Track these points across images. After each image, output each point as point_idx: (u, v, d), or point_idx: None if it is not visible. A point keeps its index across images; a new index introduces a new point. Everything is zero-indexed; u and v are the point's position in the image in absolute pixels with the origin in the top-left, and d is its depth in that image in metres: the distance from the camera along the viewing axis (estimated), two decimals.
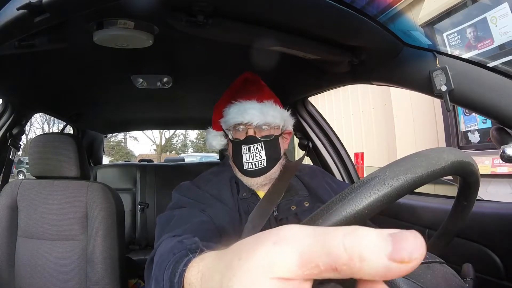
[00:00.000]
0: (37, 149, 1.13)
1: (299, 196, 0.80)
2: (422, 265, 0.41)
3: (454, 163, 0.39)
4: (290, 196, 0.80)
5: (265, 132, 0.79)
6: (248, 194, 0.79)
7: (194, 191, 0.77)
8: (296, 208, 0.77)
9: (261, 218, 0.73)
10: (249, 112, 0.77)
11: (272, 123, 0.79)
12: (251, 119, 0.77)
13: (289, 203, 0.78)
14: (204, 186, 0.78)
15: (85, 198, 1.10)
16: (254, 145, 0.77)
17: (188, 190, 0.78)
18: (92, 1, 0.53)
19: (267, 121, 0.78)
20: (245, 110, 0.77)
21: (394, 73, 0.81)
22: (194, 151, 19.03)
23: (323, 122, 1.40)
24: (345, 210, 0.34)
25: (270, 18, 0.69)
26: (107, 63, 1.06)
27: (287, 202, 0.79)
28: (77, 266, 1.06)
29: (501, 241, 0.72)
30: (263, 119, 0.78)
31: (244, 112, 0.77)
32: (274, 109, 0.80)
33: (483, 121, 3.03)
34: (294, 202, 0.79)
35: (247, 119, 0.77)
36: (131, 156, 18.61)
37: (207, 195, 0.75)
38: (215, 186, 0.78)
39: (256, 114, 0.77)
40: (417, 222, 0.97)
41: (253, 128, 0.78)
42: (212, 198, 0.75)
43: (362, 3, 0.62)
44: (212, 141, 0.85)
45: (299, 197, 0.80)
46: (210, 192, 0.76)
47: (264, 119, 0.78)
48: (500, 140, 0.65)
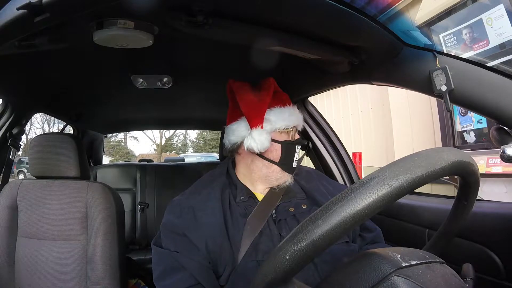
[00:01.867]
0: (37, 149, 1.13)
1: (297, 198, 0.82)
2: (422, 265, 0.41)
3: (454, 163, 0.39)
4: (288, 198, 0.81)
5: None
6: (245, 197, 0.80)
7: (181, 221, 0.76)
8: (294, 210, 0.79)
9: (260, 220, 0.74)
10: (296, 116, 0.85)
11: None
12: (298, 122, 0.85)
13: (287, 205, 0.80)
14: (193, 203, 0.79)
15: (85, 198, 1.10)
16: (299, 146, 0.85)
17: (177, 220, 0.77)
18: (92, 1, 0.53)
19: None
20: (291, 114, 0.84)
21: (394, 73, 0.81)
22: (194, 151, 19.05)
23: (323, 122, 1.40)
24: (345, 211, 0.34)
25: (270, 18, 0.69)
26: (107, 63, 1.06)
27: (286, 204, 0.80)
28: (77, 266, 1.06)
29: (501, 241, 0.72)
30: (301, 123, 0.87)
31: (293, 116, 0.84)
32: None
33: (478, 121, 3.04)
34: (293, 204, 0.80)
35: (295, 122, 0.84)
36: (131, 156, 18.63)
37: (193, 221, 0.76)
38: (203, 200, 0.79)
39: (299, 118, 0.86)
40: (417, 222, 0.97)
41: (296, 131, 0.85)
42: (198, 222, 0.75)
43: (362, 3, 0.62)
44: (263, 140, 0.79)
45: (296, 199, 0.81)
46: (197, 213, 0.76)
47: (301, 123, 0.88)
48: (500, 140, 0.65)
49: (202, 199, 0.79)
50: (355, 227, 0.35)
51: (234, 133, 0.83)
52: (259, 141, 0.79)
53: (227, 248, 0.72)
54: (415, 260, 0.41)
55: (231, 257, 0.72)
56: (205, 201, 0.79)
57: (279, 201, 0.79)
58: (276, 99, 0.83)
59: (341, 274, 0.44)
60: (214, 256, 0.72)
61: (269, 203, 0.78)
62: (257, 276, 0.39)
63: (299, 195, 0.83)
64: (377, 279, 0.39)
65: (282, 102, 0.84)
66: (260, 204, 0.78)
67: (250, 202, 0.80)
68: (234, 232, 0.74)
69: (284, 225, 0.76)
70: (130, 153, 19.28)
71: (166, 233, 0.76)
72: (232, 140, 0.84)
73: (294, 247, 0.35)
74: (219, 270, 0.72)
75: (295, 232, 0.36)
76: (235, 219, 0.76)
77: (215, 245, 0.72)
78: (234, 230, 0.74)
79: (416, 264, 0.41)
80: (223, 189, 0.82)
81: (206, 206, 0.78)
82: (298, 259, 0.35)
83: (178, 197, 0.84)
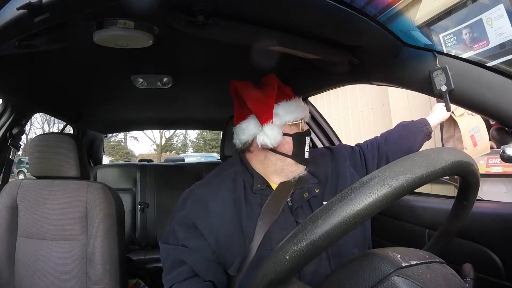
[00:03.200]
0: (37, 149, 1.13)
1: (309, 183, 0.83)
2: (422, 265, 0.41)
3: (454, 163, 0.39)
4: (301, 185, 0.82)
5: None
6: (262, 186, 0.81)
7: (191, 212, 0.78)
8: (308, 195, 0.80)
9: (275, 209, 0.76)
10: (303, 108, 0.86)
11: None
12: (305, 114, 0.86)
13: (301, 191, 0.81)
14: (204, 193, 0.81)
15: (85, 198, 1.10)
16: (309, 136, 0.87)
17: (187, 210, 0.79)
18: (92, 1, 0.53)
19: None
20: (298, 106, 0.85)
21: (394, 73, 0.81)
22: (194, 151, 19.05)
23: (323, 122, 1.40)
24: (345, 211, 0.34)
25: (270, 18, 0.69)
26: (107, 63, 1.06)
27: (300, 190, 0.81)
28: (77, 266, 1.06)
29: (501, 241, 0.72)
30: (308, 114, 0.88)
31: (299, 107, 0.85)
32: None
33: None
34: (305, 189, 0.81)
35: (304, 113, 0.86)
36: (131, 156, 18.62)
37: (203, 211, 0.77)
38: (214, 190, 0.80)
39: (305, 109, 0.87)
40: (417, 222, 0.97)
41: (304, 122, 0.86)
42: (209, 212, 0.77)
43: (362, 3, 0.62)
44: (276, 135, 0.80)
45: (309, 184, 0.82)
46: (208, 203, 0.78)
47: (308, 114, 0.89)
48: (500, 140, 0.65)
49: (213, 188, 0.81)
50: (355, 227, 0.34)
51: (244, 132, 0.84)
52: (272, 136, 0.80)
53: (239, 238, 0.73)
54: (415, 260, 0.41)
55: (243, 247, 0.72)
56: (217, 191, 0.80)
57: (293, 189, 0.80)
58: (281, 93, 0.84)
59: (341, 274, 0.44)
60: (223, 246, 0.73)
61: (283, 192, 0.79)
62: (257, 276, 0.39)
63: (311, 180, 0.84)
64: (377, 279, 0.39)
65: (287, 96, 0.85)
66: (274, 193, 0.79)
67: (267, 191, 0.80)
68: (247, 222, 0.75)
69: (301, 213, 0.77)
70: (130, 153, 19.27)
71: (176, 227, 0.79)
72: (243, 139, 0.84)
73: (294, 247, 0.35)
74: (228, 260, 0.73)
75: (295, 232, 0.36)
76: (250, 208, 0.77)
77: (226, 235, 0.73)
78: (248, 219, 0.75)
79: (416, 264, 0.41)
80: (236, 178, 0.82)
81: (217, 195, 0.79)
82: (298, 259, 0.35)
83: (190, 188, 0.85)
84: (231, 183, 0.81)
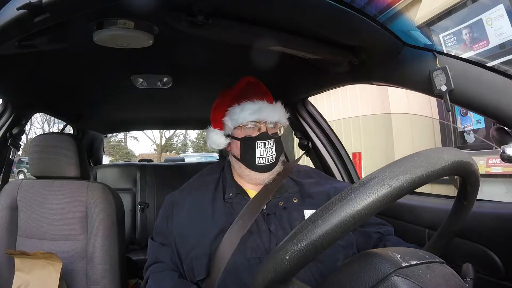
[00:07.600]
0: (37, 149, 1.13)
1: (288, 193, 0.83)
2: (422, 265, 0.41)
3: (454, 163, 0.39)
4: (279, 194, 0.82)
5: (274, 130, 0.85)
6: (233, 194, 0.83)
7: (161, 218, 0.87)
8: (284, 204, 0.80)
9: (251, 216, 0.76)
10: (265, 111, 0.82)
11: (281, 123, 0.86)
12: (266, 117, 0.82)
13: (277, 200, 0.81)
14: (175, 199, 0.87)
15: (85, 198, 1.10)
16: (268, 141, 0.82)
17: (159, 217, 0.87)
18: (92, 1, 0.53)
19: (279, 120, 0.85)
20: (260, 109, 0.82)
21: (394, 73, 0.81)
22: (194, 151, 19.03)
23: (323, 122, 1.40)
24: (345, 211, 0.34)
25: (270, 18, 0.69)
26: (107, 63, 1.06)
27: (276, 199, 0.81)
28: (77, 266, 1.06)
29: (501, 241, 0.72)
30: (276, 118, 0.84)
31: (260, 111, 0.82)
32: (282, 110, 0.87)
33: (477, 122, 3.05)
34: (282, 198, 0.81)
35: (263, 116, 0.82)
36: (131, 156, 18.60)
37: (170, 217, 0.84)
38: (196, 196, 0.84)
39: (271, 113, 0.83)
40: (417, 222, 0.97)
41: (266, 126, 0.83)
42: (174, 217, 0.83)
43: (362, 3, 0.62)
44: (217, 140, 0.87)
45: (288, 193, 0.82)
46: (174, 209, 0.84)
47: (277, 118, 0.84)
48: (500, 140, 0.65)
49: (185, 195, 0.86)
50: (355, 227, 0.34)
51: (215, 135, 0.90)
52: (213, 138, 0.87)
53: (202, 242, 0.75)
54: (415, 260, 0.41)
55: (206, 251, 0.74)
56: (185, 197, 0.85)
57: (271, 197, 0.80)
58: (245, 94, 0.84)
59: (341, 274, 0.44)
60: (184, 250, 0.77)
61: (260, 200, 0.80)
62: (257, 276, 0.39)
63: (291, 189, 0.83)
64: (377, 279, 0.39)
65: (253, 97, 0.83)
66: (252, 201, 0.79)
67: (239, 198, 0.82)
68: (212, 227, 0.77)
69: (273, 220, 0.77)
70: (130, 153, 19.26)
71: (156, 226, 0.87)
72: (216, 143, 0.89)
73: (294, 247, 0.35)
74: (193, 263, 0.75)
75: (295, 232, 0.36)
76: (218, 215, 0.79)
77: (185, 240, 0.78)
78: (214, 225, 0.77)
79: (416, 264, 0.41)
80: (217, 183, 0.86)
81: (184, 201, 0.84)
82: (298, 259, 0.35)
83: (170, 196, 0.90)
84: (204, 190, 0.85)
